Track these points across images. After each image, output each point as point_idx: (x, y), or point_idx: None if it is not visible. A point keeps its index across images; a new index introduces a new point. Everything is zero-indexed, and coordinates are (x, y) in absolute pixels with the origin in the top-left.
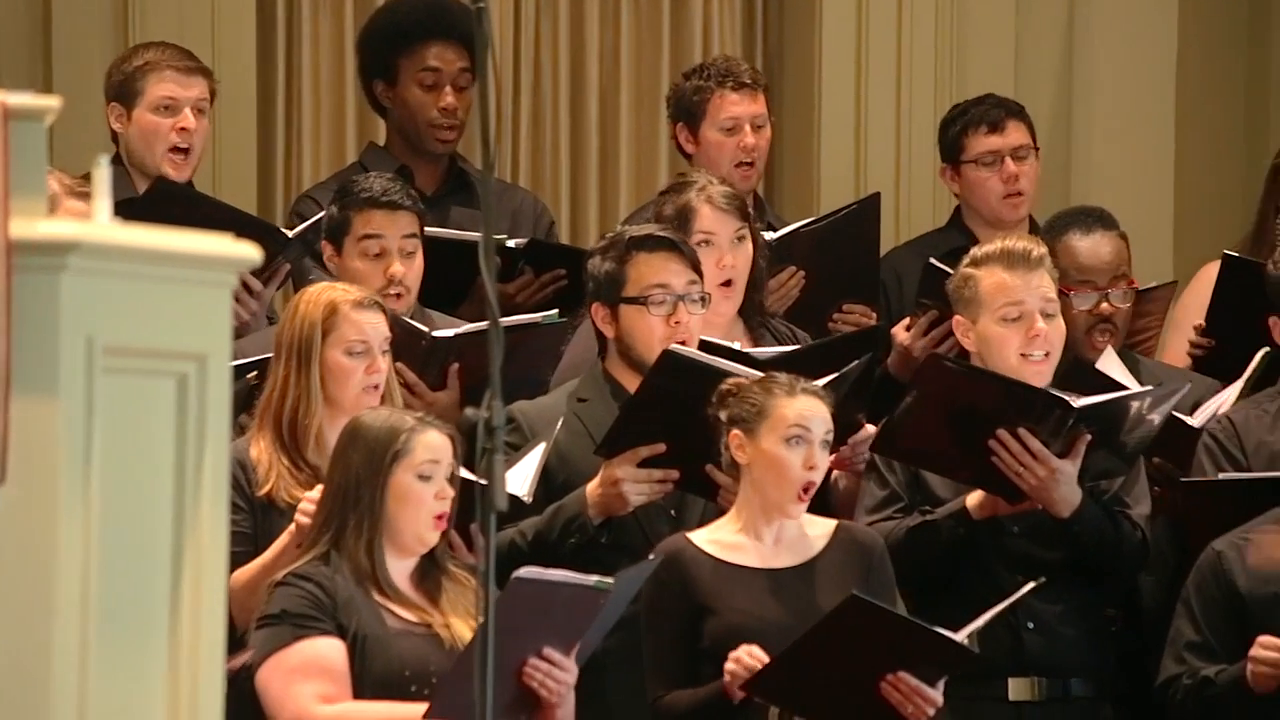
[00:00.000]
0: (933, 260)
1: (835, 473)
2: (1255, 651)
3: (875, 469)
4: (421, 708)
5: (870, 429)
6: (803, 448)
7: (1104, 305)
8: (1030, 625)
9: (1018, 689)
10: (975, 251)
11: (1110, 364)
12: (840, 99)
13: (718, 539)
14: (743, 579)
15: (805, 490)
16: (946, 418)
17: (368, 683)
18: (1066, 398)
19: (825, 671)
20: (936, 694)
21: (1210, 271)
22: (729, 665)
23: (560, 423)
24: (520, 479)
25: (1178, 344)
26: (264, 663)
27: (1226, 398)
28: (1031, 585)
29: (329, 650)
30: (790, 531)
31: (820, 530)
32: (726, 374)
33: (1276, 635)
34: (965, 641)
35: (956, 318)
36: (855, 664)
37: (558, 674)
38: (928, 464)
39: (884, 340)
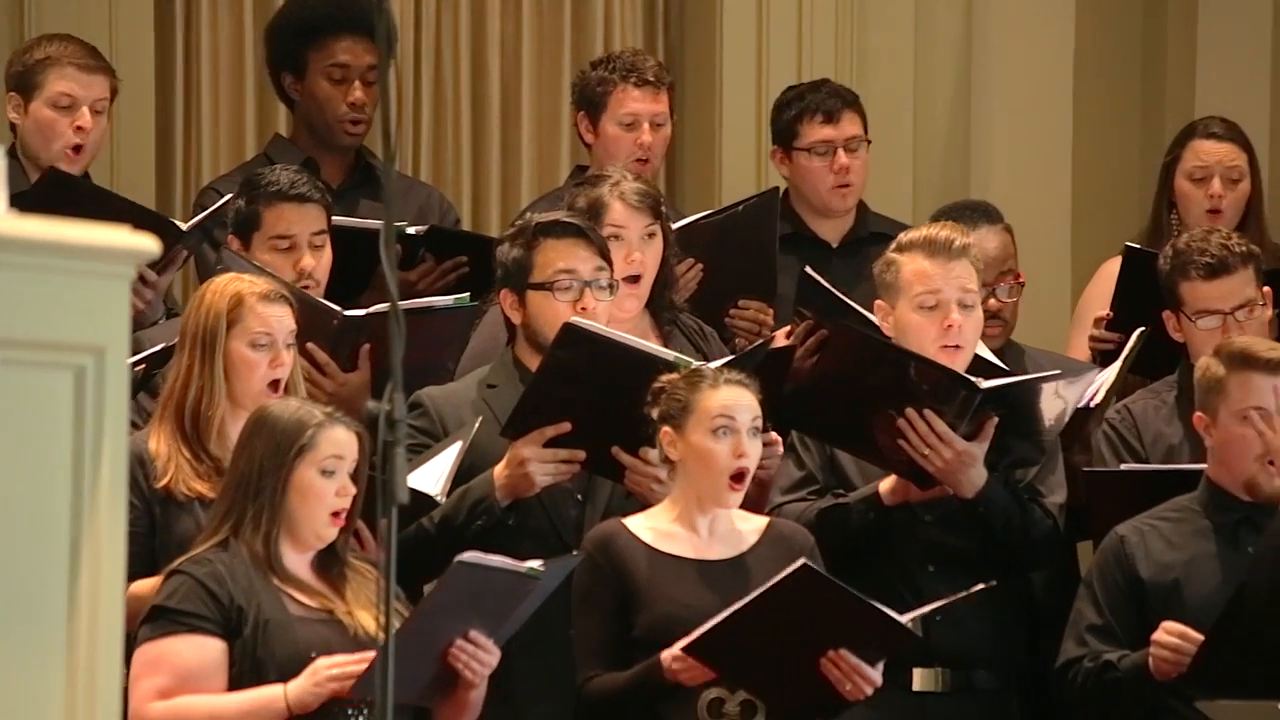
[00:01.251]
0: (808, 270)
1: None
2: (1158, 636)
3: (793, 449)
4: (277, 689)
5: (775, 437)
6: (730, 437)
7: (990, 300)
8: (937, 616)
9: (922, 679)
10: (901, 237)
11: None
12: (741, 92)
13: (653, 526)
14: (675, 568)
15: (736, 479)
16: (854, 390)
17: (272, 667)
18: (973, 379)
19: (767, 640)
20: (876, 674)
21: (1111, 267)
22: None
23: (479, 422)
24: (434, 477)
25: (1078, 340)
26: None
27: (1105, 379)
28: (982, 586)
29: (186, 648)
30: (724, 524)
31: (753, 525)
32: (628, 349)
33: (1177, 621)
34: (909, 625)
35: (877, 302)
36: (798, 636)
37: (482, 656)
38: (839, 440)
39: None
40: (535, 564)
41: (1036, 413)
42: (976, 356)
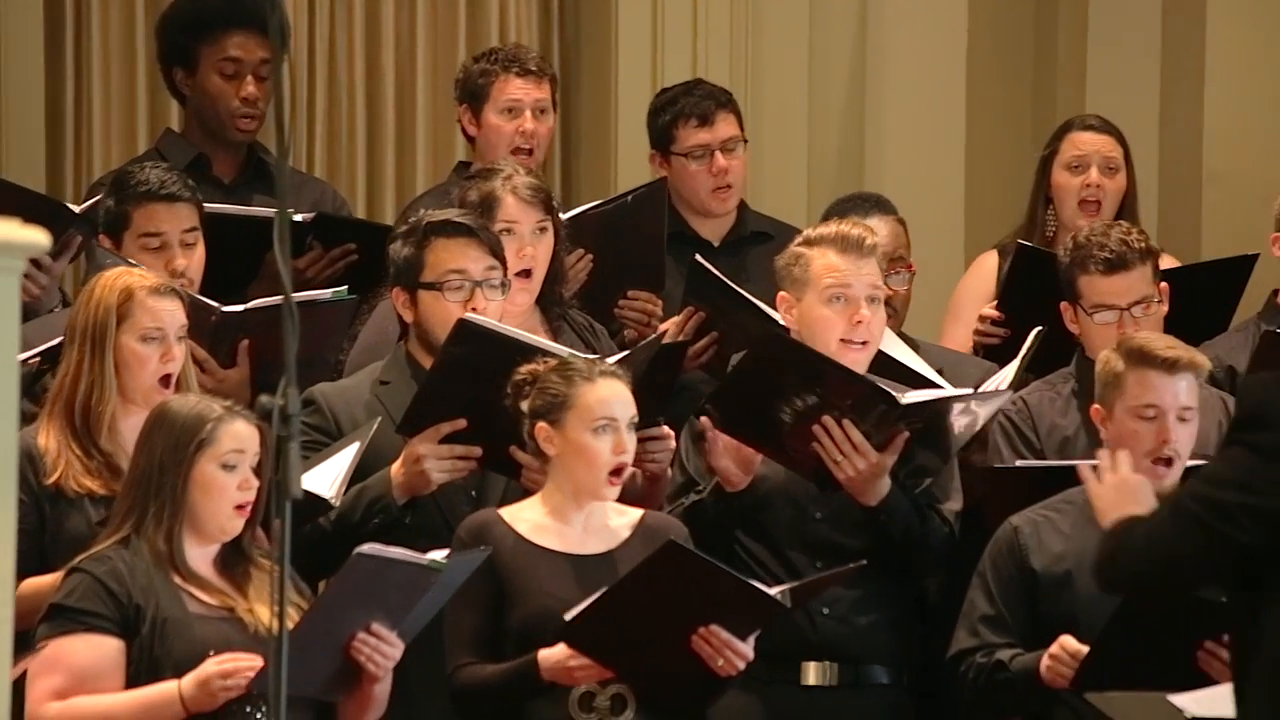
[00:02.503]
0: (699, 258)
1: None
2: (1055, 650)
3: (677, 455)
4: (171, 685)
5: (668, 431)
6: (610, 434)
7: None
8: (825, 610)
9: (812, 673)
10: (809, 232)
11: (892, 344)
12: (636, 88)
13: (527, 518)
14: (548, 561)
15: (616, 474)
16: (772, 393)
17: (169, 665)
18: (894, 393)
19: (638, 620)
20: (748, 648)
21: (987, 261)
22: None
23: (376, 424)
24: (328, 480)
25: (955, 332)
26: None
27: (1004, 376)
28: (855, 565)
29: (83, 647)
30: (598, 519)
31: (627, 520)
32: (522, 345)
33: (1064, 615)
34: (778, 597)
35: (781, 294)
36: (668, 614)
37: (385, 649)
38: (752, 439)
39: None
40: (438, 556)
41: (946, 426)
42: (886, 356)
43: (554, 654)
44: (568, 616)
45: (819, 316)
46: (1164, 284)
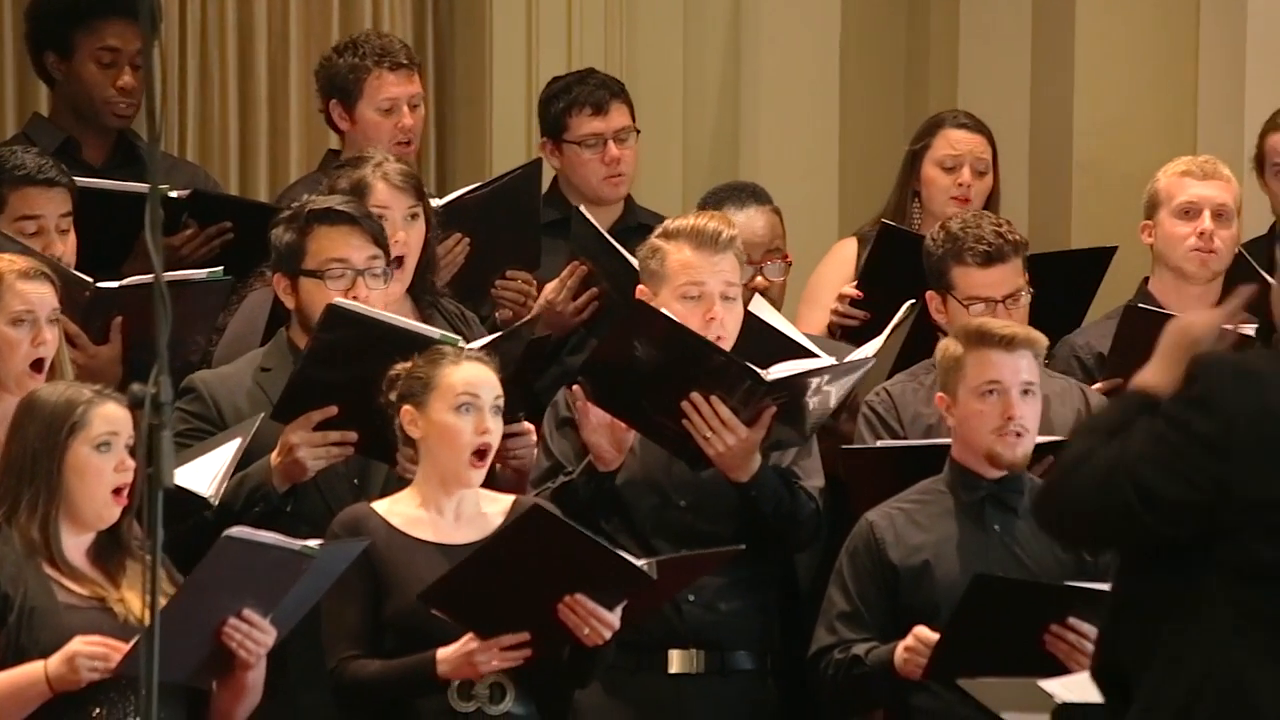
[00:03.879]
0: (581, 208)
1: (498, 465)
2: (910, 642)
3: (542, 440)
4: (37, 666)
5: (529, 426)
6: (472, 414)
7: (758, 279)
8: (691, 598)
9: (677, 661)
10: (668, 224)
11: (763, 309)
12: (511, 76)
13: (399, 511)
14: (422, 553)
15: (479, 456)
16: (639, 369)
17: (35, 654)
18: (758, 370)
19: (503, 587)
20: (614, 617)
21: (845, 249)
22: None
23: (259, 420)
24: (208, 478)
25: (811, 317)
26: None
27: (868, 351)
28: (731, 549)
29: None
30: (469, 507)
31: (499, 507)
32: (394, 328)
33: (925, 604)
34: (645, 567)
35: (639, 288)
36: (533, 582)
37: (256, 635)
38: (622, 414)
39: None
40: (311, 543)
41: (806, 401)
42: (764, 324)
43: (451, 649)
44: (432, 581)
45: (675, 312)
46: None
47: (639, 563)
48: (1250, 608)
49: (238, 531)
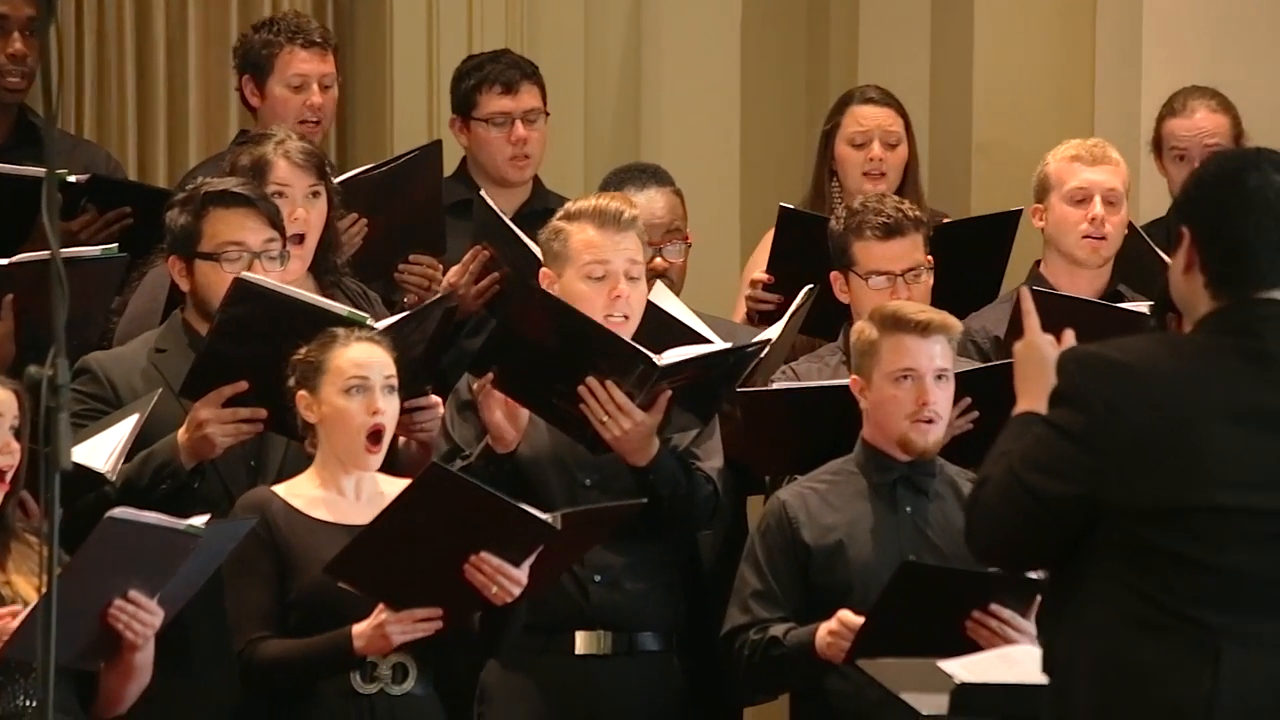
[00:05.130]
0: (482, 193)
1: (402, 438)
2: (834, 625)
3: (443, 424)
4: None
5: (435, 399)
6: (363, 395)
7: (657, 260)
8: (597, 579)
9: (584, 642)
10: (569, 206)
11: (663, 297)
12: (412, 57)
13: (300, 493)
14: (324, 533)
15: (373, 438)
16: (538, 352)
17: None
18: (651, 355)
19: (408, 552)
20: (521, 574)
21: (772, 236)
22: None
23: (156, 396)
24: (104, 454)
25: (742, 305)
26: None
27: (770, 334)
28: (633, 502)
29: None
30: (369, 487)
31: (398, 486)
32: (300, 303)
33: (838, 585)
34: (549, 520)
35: (542, 270)
36: (437, 544)
37: (143, 616)
38: (521, 398)
39: None
40: (196, 521)
41: (706, 384)
42: (662, 310)
43: (365, 624)
44: (336, 553)
45: (578, 292)
46: (929, 256)
47: (542, 515)
48: (1137, 589)
49: (121, 512)
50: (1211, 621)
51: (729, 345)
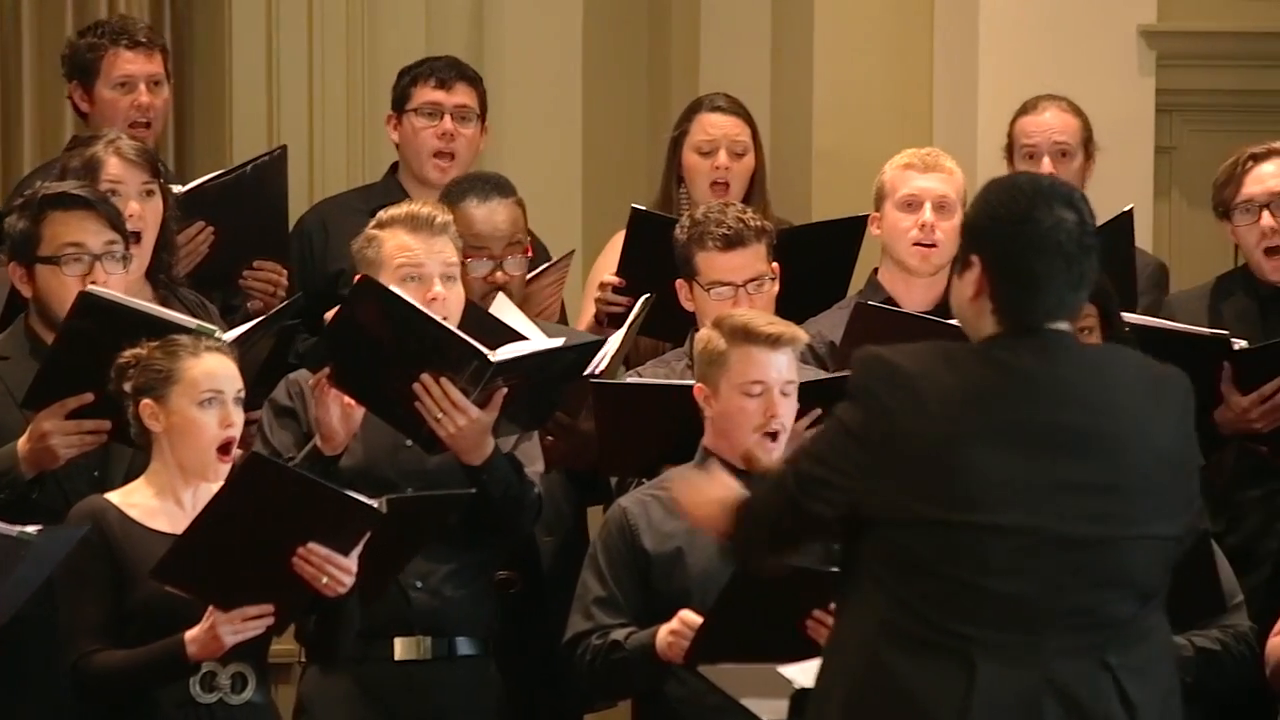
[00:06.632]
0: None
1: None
2: (675, 626)
3: (261, 430)
4: None
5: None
6: (217, 408)
7: (499, 273)
8: (419, 584)
9: (404, 648)
10: (381, 215)
11: (505, 309)
12: (251, 57)
13: (136, 502)
14: (161, 544)
15: (224, 450)
16: (375, 348)
17: None
18: (486, 350)
19: (234, 549)
20: (350, 563)
21: (619, 240)
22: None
23: None
24: None
25: (589, 310)
26: None
27: (611, 345)
28: (464, 491)
29: None
30: (206, 496)
31: None
32: (148, 316)
33: (677, 592)
34: (376, 505)
35: (358, 277)
36: (263, 538)
37: None
38: (363, 398)
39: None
40: (29, 528)
41: (539, 384)
42: (496, 320)
43: (197, 628)
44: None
45: None
46: (775, 264)
47: (366, 499)
48: (899, 597)
49: None
50: (968, 634)
51: (560, 343)
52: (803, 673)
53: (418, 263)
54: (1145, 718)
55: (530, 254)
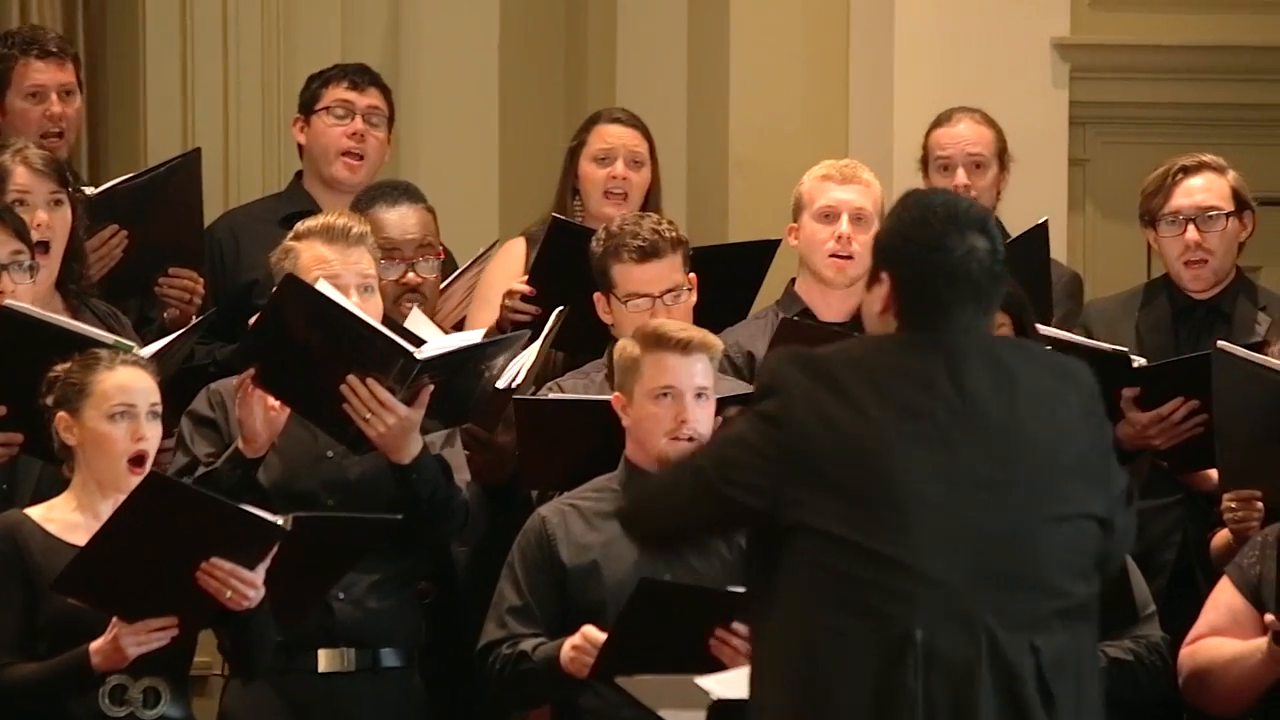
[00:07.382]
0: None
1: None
2: (578, 641)
3: (180, 438)
4: None
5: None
6: (127, 421)
7: (410, 275)
8: (341, 596)
9: (327, 660)
10: (298, 227)
11: (419, 323)
12: (165, 65)
13: (55, 517)
14: None
15: (136, 462)
16: (298, 350)
17: None
18: (410, 348)
19: (136, 564)
20: (255, 577)
21: (514, 248)
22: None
23: None
24: None
25: (481, 316)
26: None
27: (526, 359)
28: (389, 516)
29: None
30: None
31: None
32: (64, 332)
33: (592, 604)
34: (280, 521)
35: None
36: (165, 553)
37: None
38: (290, 399)
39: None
40: None
41: (463, 384)
42: (411, 333)
43: (101, 639)
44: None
45: None
46: (693, 275)
47: (268, 515)
48: (819, 583)
49: None
50: (895, 615)
51: (485, 339)
52: (719, 684)
53: (334, 274)
54: (1062, 708)
55: (442, 257)
